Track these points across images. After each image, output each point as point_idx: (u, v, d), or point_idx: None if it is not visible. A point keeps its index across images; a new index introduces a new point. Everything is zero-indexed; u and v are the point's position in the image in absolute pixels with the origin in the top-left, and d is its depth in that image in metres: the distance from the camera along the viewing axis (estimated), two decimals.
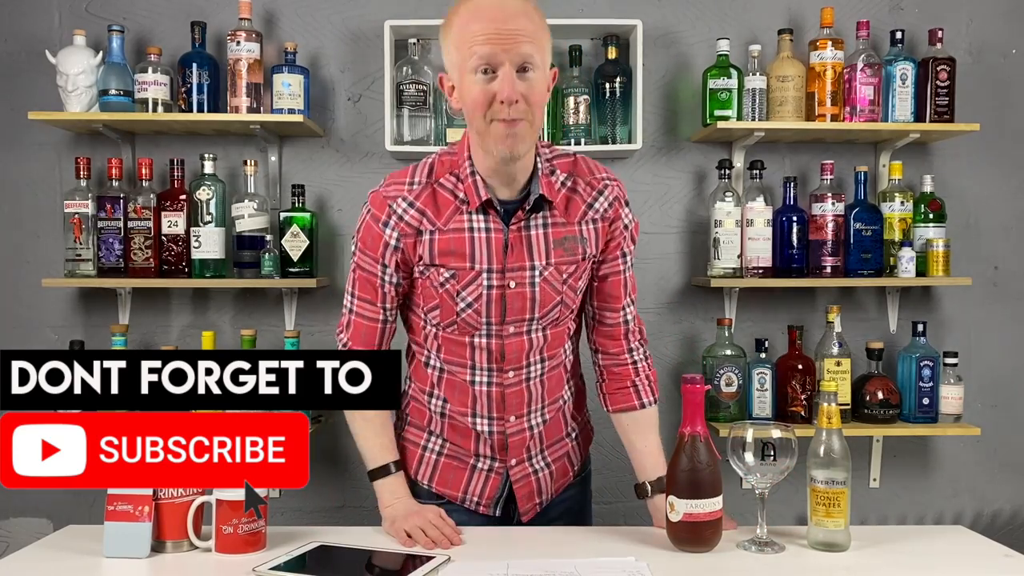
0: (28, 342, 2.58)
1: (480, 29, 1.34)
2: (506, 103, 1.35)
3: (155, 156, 2.49)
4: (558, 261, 1.51)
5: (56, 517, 2.59)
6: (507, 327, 1.52)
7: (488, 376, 1.55)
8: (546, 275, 1.51)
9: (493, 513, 1.64)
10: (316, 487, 2.61)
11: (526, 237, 1.49)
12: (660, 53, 2.60)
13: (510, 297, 1.50)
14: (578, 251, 1.52)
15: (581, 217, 1.53)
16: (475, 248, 1.48)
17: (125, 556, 1.41)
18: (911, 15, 2.61)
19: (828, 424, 1.46)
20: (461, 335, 1.53)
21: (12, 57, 2.56)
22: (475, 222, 1.48)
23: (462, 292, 1.49)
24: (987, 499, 2.69)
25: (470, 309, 1.50)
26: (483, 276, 1.48)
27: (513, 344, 1.53)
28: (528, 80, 1.36)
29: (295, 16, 2.59)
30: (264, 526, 1.45)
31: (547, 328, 1.55)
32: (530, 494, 1.64)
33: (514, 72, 1.35)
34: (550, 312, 1.53)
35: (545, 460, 1.65)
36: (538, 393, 1.59)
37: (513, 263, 1.49)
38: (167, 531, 1.43)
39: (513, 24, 1.34)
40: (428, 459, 1.64)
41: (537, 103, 1.39)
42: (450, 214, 1.49)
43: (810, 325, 2.55)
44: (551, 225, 1.51)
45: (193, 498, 1.44)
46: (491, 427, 1.58)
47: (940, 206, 2.52)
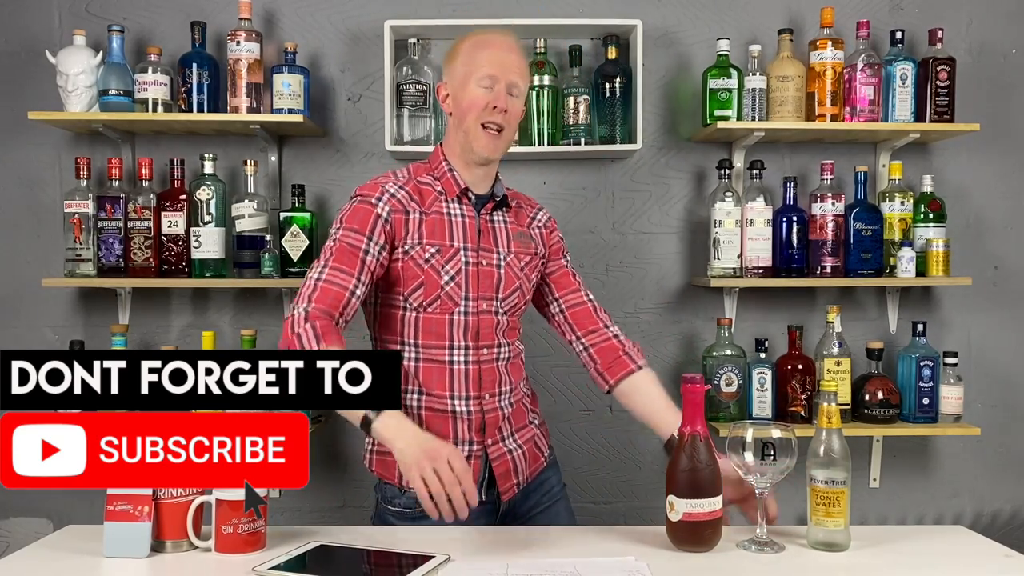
0: (28, 342, 2.58)
1: (489, 55, 1.69)
2: (498, 109, 1.66)
3: (155, 156, 2.50)
4: (517, 251, 1.76)
5: (56, 517, 2.59)
6: (480, 303, 1.69)
7: (465, 354, 1.69)
8: (509, 260, 1.74)
9: (480, 497, 1.63)
10: (316, 487, 2.61)
11: (492, 227, 1.75)
12: (660, 53, 2.60)
13: (483, 274, 1.70)
14: (531, 246, 1.79)
15: (529, 223, 1.83)
16: (454, 229, 1.70)
17: (125, 556, 1.41)
18: (911, 15, 2.61)
19: (828, 424, 1.46)
20: (442, 312, 1.67)
21: (12, 57, 2.56)
22: (452, 209, 1.72)
23: (445, 266, 1.67)
24: (987, 499, 2.69)
25: (452, 283, 1.67)
26: (461, 253, 1.69)
27: (485, 321, 1.70)
28: (514, 101, 1.69)
29: (295, 16, 2.59)
30: (264, 526, 1.45)
31: (507, 313, 1.74)
32: (507, 473, 1.73)
33: (506, 94, 1.67)
34: (511, 295, 1.74)
35: (516, 442, 1.76)
36: (506, 376, 1.74)
37: (485, 245, 1.72)
38: (167, 531, 1.43)
39: (512, 57, 1.70)
40: None
41: (515, 119, 1.70)
42: (431, 201, 1.71)
43: (810, 325, 2.55)
44: (509, 222, 1.78)
45: (193, 498, 1.44)
46: (469, 406, 1.69)
47: (940, 206, 2.52)
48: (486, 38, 1.72)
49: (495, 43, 1.71)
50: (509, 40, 1.72)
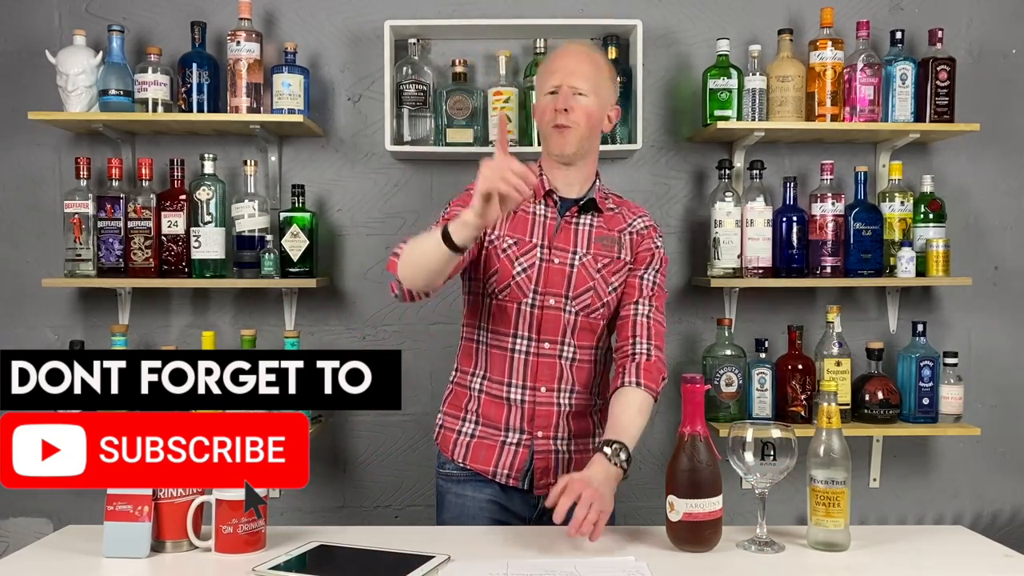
0: (28, 342, 2.58)
1: (550, 65, 1.83)
2: (558, 110, 1.75)
3: (155, 156, 2.50)
4: (595, 252, 1.80)
5: (56, 517, 2.59)
6: (547, 298, 1.76)
7: (527, 344, 1.76)
8: (584, 261, 1.78)
9: (522, 486, 1.77)
10: (316, 487, 2.61)
11: (574, 228, 1.81)
12: (660, 53, 2.60)
13: (553, 271, 1.76)
14: (614, 250, 1.82)
15: (621, 228, 1.85)
16: (534, 227, 1.79)
17: (125, 556, 1.41)
18: (911, 15, 2.61)
19: (828, 424, 1.46)
20: (511, 300, 1.76)
21: (12, 57, 2.56)
22: (537, 209, 1.81)
23: (520, 258, 1.76)
24: (987, 499, 2.69)
25: (523, 274, 1.76)
26: (536, 249, 1.77)
27: (550, 316, 1.76)
28: (579, 100, 1.76)
29: (295, 16, 2.59)
30: (264, 526, 1.45)
31: (579, 313, 1.77)
32: (546, 470, 1.77)
33: (570, 93, 1.75)
34: (582, 294, 1.77)
35: (568, 446, 1.79)
36: (568, 374, 1.78)
37: (560, 244, 1.78)
38: (167, 531, 1.44)
39: (574, 60, 1.80)
40: (462, 441, 1.81)
41: (583, 116, 1.76)
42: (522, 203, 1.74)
43: (810, 325, 2.55)
44: (595, 227, 1.82)
45: (193, 498, 1.44)
46: (523, 396, 1.77)
47: (940, 206, 2.52)
48: (558, 52, 1.85)
49: (559, 53, 1.84)
50: (574, 46, 1.85)
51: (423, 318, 2.59)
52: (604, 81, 1.81)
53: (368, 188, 2.60)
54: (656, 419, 2.63)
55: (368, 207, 2.60)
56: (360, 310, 2.60)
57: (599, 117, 1.80)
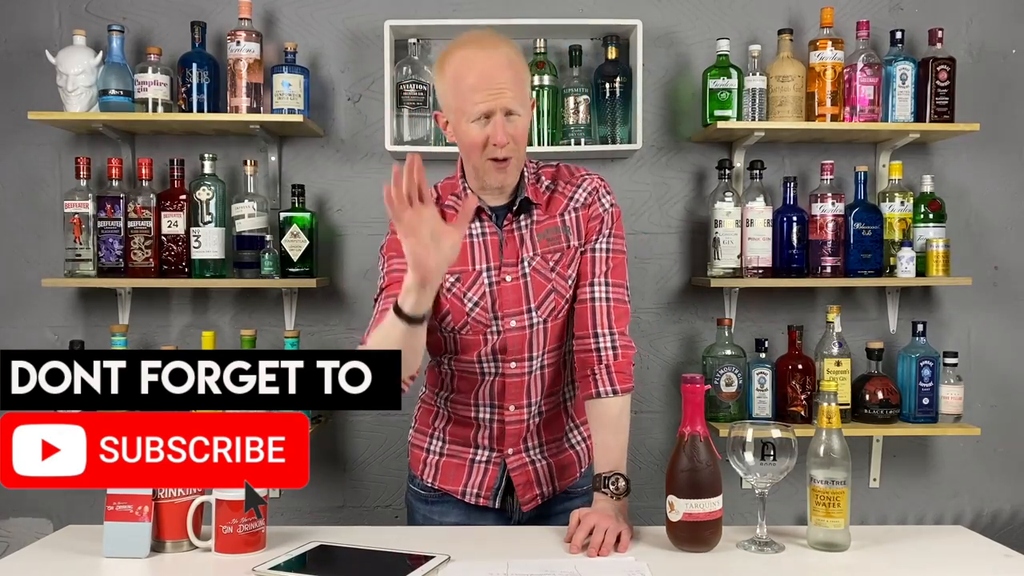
0: (28, 342, 2.58)
1: (473, 83, 1.53)
2: (499, 145, 1.54)
3: (155, 156, 2.50)
4: (543, 251, 1.64)
5: (56, 517, 2.59)
6: (508, 320, 1.63)
7: (493, 367, 1.66)
8: (535, 264, 1.64)
9: (493, 504, 1.71)
10: (316, 487, 2.61)
11: (518, 236, 1.65)
12: (660, 53, 2.60)
13: (506, 290, 1.63)
14: (561, 239, 1.65)
15: (563, 209, 1.67)
16: (474, 251, 1.64)
17: (125, 556, 1.41)
18: (911, 15, 2.61)
19: (828, 424, 1.46)
20: (475, 334, 1.65)
21: (12, 57, 2.56)
22: (473, 229, 1.64)
23: (468, 293, 1.63)
24: (987, 499, 2.69)
25: (477, 308, 1.63)
26: (483, 275, 1.64)
27: (515, 337, 1.64)
28: (514, 123, 1.55)
29: (295, 16, 2.59)
30: (264, 526, 1.45)
31: (547, 320, 1.65)
32: (528, 483, 1.71)
33: (504, 118, 1.54)
34: (544, 301, 1.65)
35: (543, 453, 1.72)
36: (537, 386, 1.68)
37: (508, 259, 1.64)
38: (167, 531, 1.43)
39: (501, 77, 1.53)
40: (431, 461, 1.76)
41: (522, 141, 1.58)
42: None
43: (810, 325, 2.55)
44: (535, 222, 1.66)
45: (193, 498, 1.44)
46: (491, 415, 1.69)
47: (940, 206, 2.52)
48: (468, 60, 1.54)
49: (478, 67, 1.53)
50: (493, 55, 1.55)
51: None
52: (526, 81, 1.60)
53: (368, 188, 2.60)
54: (656, 419, 2.64)
55: (368, 207, 2.60)
56: (360, 310, 2.60)
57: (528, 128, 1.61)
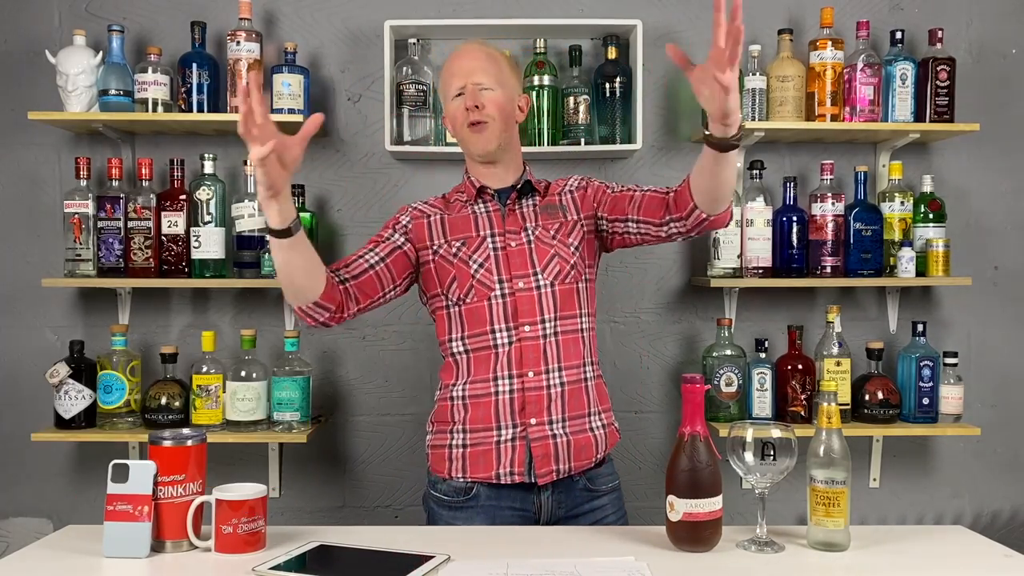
0: (28, 342, 2.59)
1: (450, 68, 1.81)
2: (468, 109, 1.75)
3: (155, 156, 2.50)
4: (544, 222, 1.80)
5: (56, 517, 2.59)
6: (516, 282, 1.74)
7: (507, 335, 1.73)
8: (537, 233, 1.79)
9: (528, 479, 1.73)
10: (316, 487, 2.61)
11: (520, 212, 1.81)
12: (660, 53, 2.59)
13: (512, 253, 1.76)
14: (559, 215, 1.82)
15: (559, 192, 1.86)
16: (478, 221, 1.80)
17: (125, 556, 1.41)
18: (911, 15, 2.61)
19: (828, 424, 1.46)
20: (479, 299, 1.74)
21: (12, 57, 2.56)
22: (476, 208, 1.82)
23: (473, 255, 1.76)
24: (987, 499, 2.69)
25: (482, 269, 1.75)
26: (488, 240, 1.77)
27: (524, 298, 1.74)
28: (486, 94, 1.76)
29: (295, 16, 2.59)
30: (264, 526, 1.45)
31: (554, 283, 1.76)
32: (546, 456, 1.72)
33: (476, 90, 1.76)
34: (549, 264, 1.76)
35: (564, 428, 1.74)
36: (553, 352, 1.74)
37: (511, 227, 1.79)
38: (167, 531, 1.43)
39: (470, 60, 1.79)
40: (456, 454, 1.76)
41: (495, 108, 1.76)
42: (457, 207, 1.84)
43: (810, 325, 2.55)
44: (536, 204, 1.84)
45: (193, 498, 1.44)
46: (511, 385, 1.73)
47: (940, 206, 2.52)
48: (454, 53, 1.84)
49: (455, 56, 1.82)
50: (469, 46, 1.82)
51: (423, 318, 2.58)
52: (506, 72, 1.80)
53: (368, 188, 2.60)
54: (656, 419, 2.64)
55: (368, 207, 2.60)
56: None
57: (510, 108, 1.79)
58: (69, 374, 2.37)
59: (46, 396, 2.45)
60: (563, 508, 1.76)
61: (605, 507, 1.80)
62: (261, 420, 2.39)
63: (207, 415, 2.36)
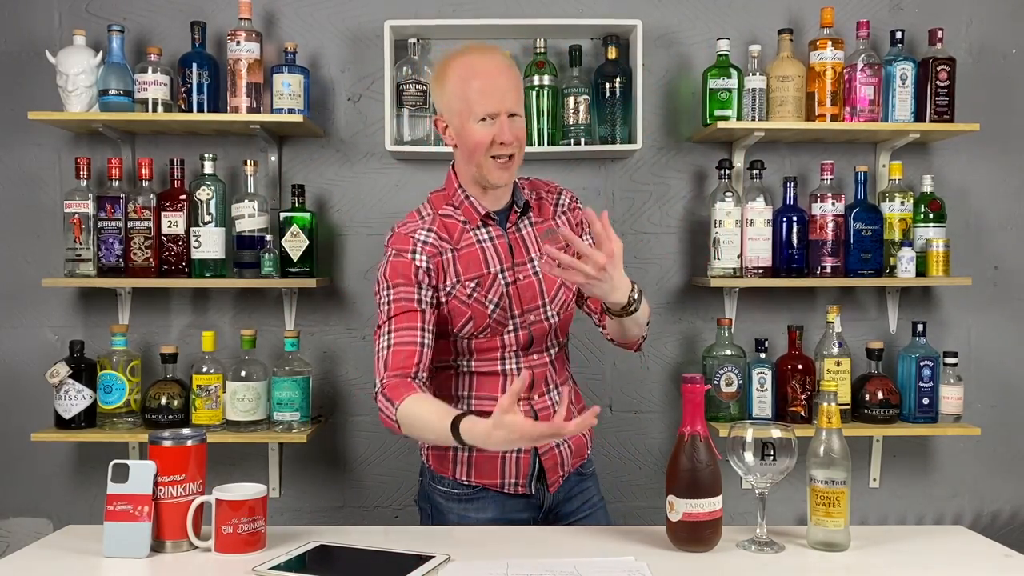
0: (28, 342, 2.59)
1: (480, 86, 1.63)
2: (506, 144, 1.64)
3: (155, 156, 2.50)
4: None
5: (56, 517, 2.59)
6: (528, 316, 1.73)
7: (517, 361, 1.74)
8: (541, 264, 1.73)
9: (529, 491, 1.76)
10: (316, 487, 2.61)
11: (521, 237, 1.76)
12: (660, 53, 2.60)
13: (523, 288, 1.73)
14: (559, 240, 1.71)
15: (553, 214, 1.81)
16: (487, 255, 1.73)
17: (125, 556, 1.41)
18: (911, 15, 2.61)
19: (828, 424, 1.46)
20: (493, 336, 1.72)
21: (12, 57, 2.56)
22: (480, 235, 1.74)
23: (488, 295, 1.71)
24: (987, 499, 2.69)
25: (498, 309, 1.71)
26: (499, 276, 1.72)
27: (537, 330, 1.74)
28: (516, 124, 1.66)
29: (295, 16, 2.59)
30: (264, 526, 1.45)
31: (560, 313, 1.77)
32: (555, 466, 1.78)
33: (511, 121, 1.64)
34: (557, 296, 1.76)
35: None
36: (553, 374, 1.79)
37: (518, 259, 1.74)
38: (167, 531, 1.43)
39: (504, 80, 1.65)
40: (462, 458, 1.76)
41: (521, 140, 1.69)
42: (459, 234, 1.74)
43: (810, 325, 2.55)
44: (534, 224, 1.78)
45: (192, 498, 1.44)
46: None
47: (940, 206, 2.52)
48: (472, 66, 1.65)
49: (483, 70, 1.64)
50: (495, 60, 1.66)
51: None
52: (522, 86, 1.71)
53: (368, 188, 2.60)
54: (656, 419, 2.64)
55: (368, 207, 2.60)
56: (360, 310, 2.60)
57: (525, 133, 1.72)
58: (69, 374, 2.37)
59: (46, 396, 2.45)
60: (561, 492, 1.81)
61: (590, 488, 1.88)
62: (261, 420, 2.39)
63: (207, 415, 2.36)
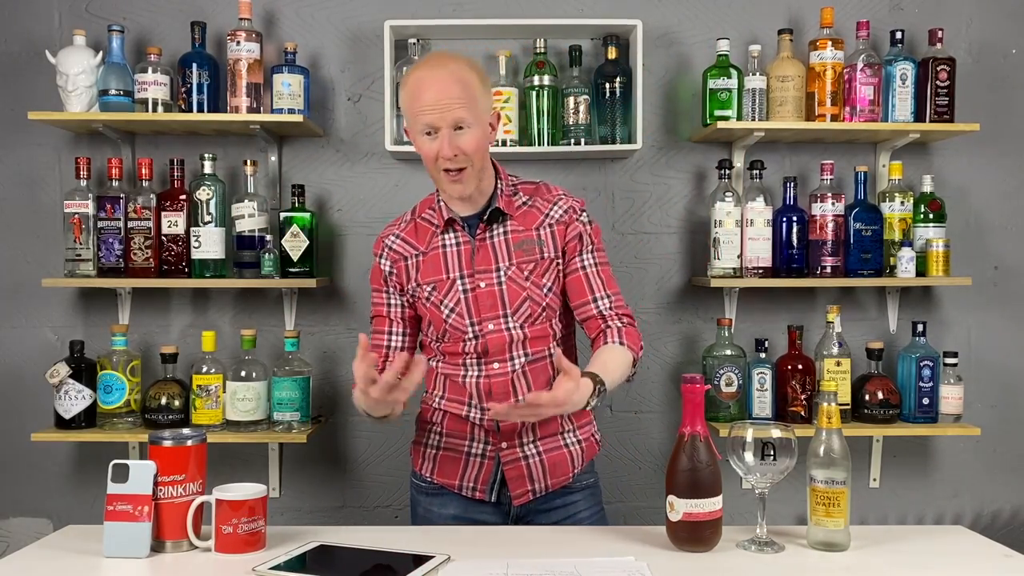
0: (28, 342, 2.59)
1: (423, 101, 1.62)
2: (445, 158, 1.63)
3: (155, 156, 2.50)
4: (519, 261, 1.72)
5: (56, 517, 2.59)
6: (485, 324, 1.71)
7: (477, 370, 1.73)
8: (510, 274, 1.72)
9: (488, 498, 1.76)
10: (316, 487, 2.61)
11: (490, 244, 1.73)
12: (660, 53, 2.60)
13: (482, 295, 1.71)
14: (535, 251, 1.73)
15: (538, 224, 1.75)
16: (447, 260, 1.74)
17: (125, 556, 1.41)
18: (911, 15, 2.61)
19: (828, 424, 1.46)
20: (454, 341, 1.73)
21: (12, 57, 2.56)
22: (447, 240, 1.75)
23: (444, 300, 1.72)
24: (987, 499, 2.69)
25: (453, 314, 1.72)
26: (457, 282, 1.72)
27: (494, 339, 1.71)
28: (463, 135, 1.62)
29: (295, 16, 2.59)
30: (264, 526, 1.45)
31: (524, 325, 1.72)
32: (520, 478, 1.75)
33: (451, 132, 1.61)
34: (520, 307, 1.72)
35: (537, 449, 1.76)
36: (522, 384, 1.73)
37: (480, 266, 1.72)
38: (167, 531, 1.43)
39: (448, 95, 1.60)
40: (428, 454, 1.82)
41: (474, 151, 1.64)
42: (429, 238, 1.77)
43: (810, 325, 2.55)
44: (511, 232, 1.74)
45: (192, 498, 1.44)
46: (482, 415, 1.74)
47: (940, 206, 2.52)
48: (419, 79, 1.63)
49: (427, 82, 1.62)
50: (443, 73, 1.62)
51: None
52: (478, 95, 1.64)
53: (368, 188, 2.60)
54: (656, 419, 2.64)
55: (368, 207, 2.60)
56: (360, 310, 2.60)
57: (486, 140, 1.67)
58: (69, 374, 2.37)
59: (46, 396, 2.45)
60: (534, 504, 1.77)
61: (577, 503, 1.80)
62: (261, 420, 2.39)
63: (207, 415, 2.36)
